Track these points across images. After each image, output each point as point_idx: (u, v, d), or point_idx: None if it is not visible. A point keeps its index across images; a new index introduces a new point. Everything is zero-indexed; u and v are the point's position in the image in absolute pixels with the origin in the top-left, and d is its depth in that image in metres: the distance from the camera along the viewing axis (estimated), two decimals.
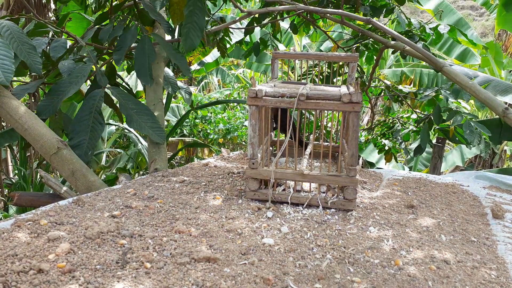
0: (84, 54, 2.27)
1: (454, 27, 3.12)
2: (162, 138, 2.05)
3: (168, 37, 2.83)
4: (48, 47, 2.16)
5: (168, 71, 2.70)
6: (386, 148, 3.76)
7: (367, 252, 1.18)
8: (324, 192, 1.48)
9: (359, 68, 3.30)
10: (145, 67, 2.09)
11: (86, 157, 1.91)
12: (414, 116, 3.80)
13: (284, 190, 1.50)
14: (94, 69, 2.15)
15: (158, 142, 2.06)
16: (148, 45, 2.13)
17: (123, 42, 2.11)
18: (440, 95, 2.80)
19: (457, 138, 3.09)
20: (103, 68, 2.38)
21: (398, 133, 3.41)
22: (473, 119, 2.42)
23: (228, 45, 3.44)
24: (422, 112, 3.78)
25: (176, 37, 3.03)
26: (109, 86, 2.09)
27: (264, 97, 1.36)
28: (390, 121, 3.91)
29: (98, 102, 1.99)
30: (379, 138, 3.84)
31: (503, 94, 3.39)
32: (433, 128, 2.97)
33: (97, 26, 2.38)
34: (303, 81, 2.67)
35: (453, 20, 6.58)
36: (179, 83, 2.96)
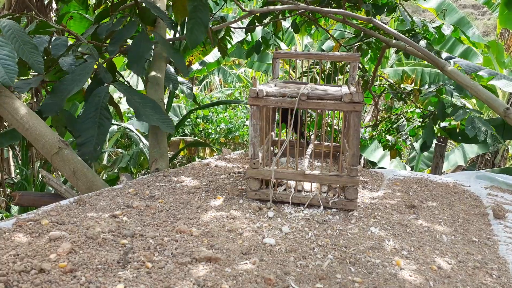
0: (85, 51, 2.27)
1: (457, 28, 3.12)
2: (171, 128, 2.03)
3: (169, 36, 2.83)
4: (49, 46, 2.16)
5: (169, 67, 2.70)
6: (390, 144, 3.76)
7: (368, 252, 1.17)
8: (325, 192, 1.48)
9: (361, 66, 3.30)
10: (139, 58, 2.07)
11: (96, 153, 1.89)
12: (418, 110, 3.79)
13: (285, 190, 1.49)
14: (95, 67, 2.15)
15: (168, 131, 2.05)
16: (145, 39, 2.11)
17: (120, 35, 2.11)
18: (444, 92, 2.80)
19: (459, 137, 3.09)
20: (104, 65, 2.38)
21: (402, 127, 3.40)
22: (477, 115, 2.42)
23: (229, 45, 3.44)
24: (426, 110, 3.77)
25: (178, 35, 3.03)
26: (114, 82, 2.08)
27: (265, 97, 1.36)
28: (395, 117, 3.90)
29: (104, 99, 1.97)
30: (383, 134, 3.84)
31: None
32: (437, 124, 2.97)
33: (97, 25, 2.38)
34: (304, 80, 2.66)
35: (455, 19, 6.55)
36: (180, 79, 2.96)
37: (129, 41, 2.57)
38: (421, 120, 3.35)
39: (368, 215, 1.43)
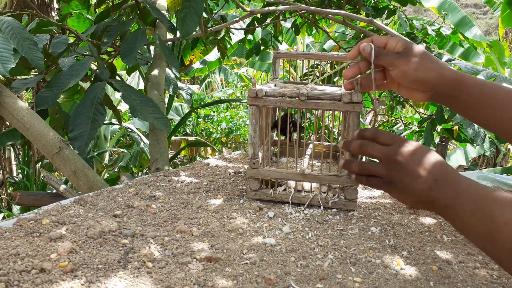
0: (86, 52, 2.27)
1: (456, 30, 3.12)
2: (167, 127, 2.02)
3: (169, 36, 2.83)
4: (48, 45, 2.16)
5: (169, 71, 2.71)
6: None
7: (369, 252, 1.17)
8: (325, 192, 1.48)
9: None
10: (132, 50, 2.03)
11: (87, 147, 1.88)
12: (417, 116, 3.81)
13: (285, 190, 1.49)
14: (95, 68, 2.15)
15: (164, 130, 2.04)
16: (142, 35, 2.09)
17: (116, 28, 2.09)
18: None
19: (462, 138, 3.10)
20: None
21: (400, 133, 3.42)
22: None
23: (228, 46, 3.45)
24: (425, 112, 3.77)
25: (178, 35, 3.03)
26: (111, 80, 2.07)
27: (264, 97, 1.36)
28: (393, 121, 3.91)
29: (100, 93, 1.96)
30: None
31: None
32: (435, 130, 2.98)
33: (97, 24, 2.39)
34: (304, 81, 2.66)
35: (457, 18, 6.53)
36: (180, 84, 2.97)
37: None
38: (419, 125, 3.36)
39: (369, 215, 1.43)
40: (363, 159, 1.39)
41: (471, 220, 0.78)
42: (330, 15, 2.70)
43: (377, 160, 0.98)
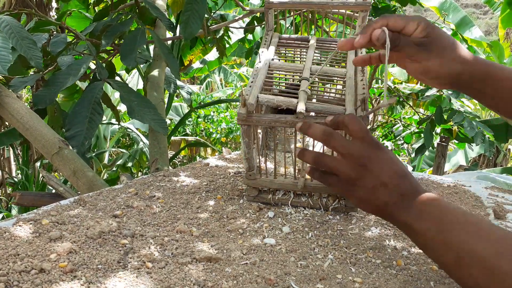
0: (84, 51, 2.27)
1: (455, 32, 3.13)
2: (164, 129, 2.00)
3: (169, 35, 2.82)
4: (47, 43, 2.16)
5: (169, 70, 2.71)
6: None
7: (369, 252, 1.17)
8: (325, 197, 1.46)
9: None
10: (132, 51, 2.01)
11: (83, 147, 1.88)
12: (416, 117, 3.81)
13: (284, 194, 1.48)
14: (93, 67, 2.15)
15: (161, 132, 2.03)
16: (141, 35, 2.08)
17: (115, 28, 2.09)
18: (442, 100, 2.81)
19: (462, 137, 3.11)
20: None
21: (398, 133, 3.43)
22: (475, 119, 2.43)
23: (227, 45, 3.45)
24: (425, 112, 3.78)
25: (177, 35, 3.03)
26: (109, 79, 2.06)
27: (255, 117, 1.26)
28: (393, 122, 3.92)
29: (98, 93, 1.95)
30: (381, 140, 3.83)
31: None
32: (434, 130, 2.99)
33: (96, 23, 2.38)
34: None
35: (458, 18, 6.53)
36: (180, 82, 2.96)
37: None
38: (418, 126, 3.37)
39: (369, 215, 1.43)
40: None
41: (434, 243, 0.78)
42: (329, 15, 2.70)
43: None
